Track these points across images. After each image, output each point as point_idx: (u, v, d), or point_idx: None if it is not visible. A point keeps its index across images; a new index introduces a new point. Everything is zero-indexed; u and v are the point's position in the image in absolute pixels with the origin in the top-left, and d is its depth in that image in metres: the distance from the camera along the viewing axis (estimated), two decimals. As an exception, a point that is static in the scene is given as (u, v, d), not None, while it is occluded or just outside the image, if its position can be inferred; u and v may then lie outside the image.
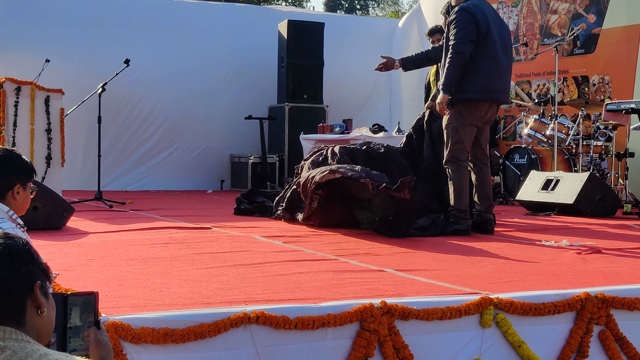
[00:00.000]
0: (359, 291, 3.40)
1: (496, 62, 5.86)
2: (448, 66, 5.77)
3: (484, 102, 5.88)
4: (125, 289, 3.40)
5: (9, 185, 2.77)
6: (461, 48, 5.72)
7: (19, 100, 7.51)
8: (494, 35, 5.85)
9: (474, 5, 5.88)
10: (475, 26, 5.76)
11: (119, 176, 11.10)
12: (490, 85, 5.85)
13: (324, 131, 10.19)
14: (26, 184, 2.82)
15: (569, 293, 3.26)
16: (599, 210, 7.34)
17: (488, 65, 5.82)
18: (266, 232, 5.80)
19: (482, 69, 5.79)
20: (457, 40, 5.74)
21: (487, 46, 5.82)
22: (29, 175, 2.84)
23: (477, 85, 5.79)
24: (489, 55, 5.83)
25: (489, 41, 5.82)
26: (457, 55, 5.72)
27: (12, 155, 2.81)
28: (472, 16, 5.77)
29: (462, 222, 5.79)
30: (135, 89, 11.10)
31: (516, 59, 10.97)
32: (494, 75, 5.85)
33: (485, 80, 5.81)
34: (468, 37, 5.74)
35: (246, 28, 12.18)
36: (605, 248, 4.97)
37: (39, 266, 1.78)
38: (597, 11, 9.80)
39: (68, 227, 5.92)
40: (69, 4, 11.24)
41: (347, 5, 46.07)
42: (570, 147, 9.02)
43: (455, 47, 5.74)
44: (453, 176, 5.87)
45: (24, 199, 2.82)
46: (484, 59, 5.80)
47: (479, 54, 5.79)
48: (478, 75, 5.78)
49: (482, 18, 5.82)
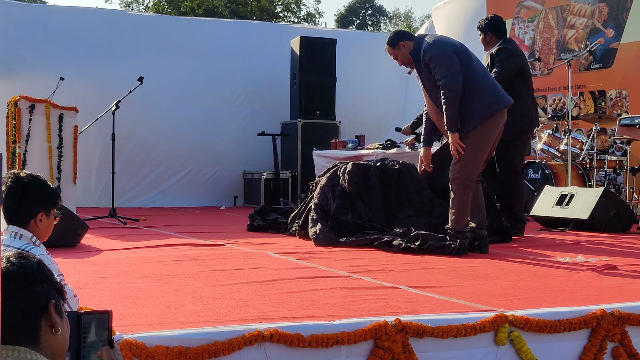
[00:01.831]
0: (373, 308, 3.38)
1: (485, 74, 5.77)
2: (445, 107, 5.55)
3: (497, 113, 5.69)
4: (139, 306, 3.40)
5: (33, 212, 2.77)
6: (451, 84, 5.51)
7: (32, 117, 7.57)
8: (471, 54, 5.76)
9: (442, 37, 5.86)
10: (455, 55, 5.60)
11: (132, 198, 11.12)
12: (494, 94, 5.70)
13: (337, 147, 10.19)
14: (50, 211, 2.82)
15: (584, 310, 3.24)
16: (614, 225, 7.29)
17: (480, 80, 5.67)
18: (280, 248, 5.80)
19: (478, 86, 5.63)
20: (444, 78, 5.52)
21: (473, 65, 5.68)
22: (53, 202, 2.84)
23: (483, 101, 5.62)
24: (477, 70, 5.69)
25: (472, 61, 5.70)
26: (449, 94, 5.51)
27: (37, 183, 2.81)
28: (449, 46, 5.64)
29: (462, 242, 5.58)
30: (147, 108, 11.13)
31: (532, 73, 10.94)
32: (490, 85, 5.72)
33: (487, 92, 5.66)
34: (453, 68, 5.54)
35: (259, 45, 12.23)
36: (620, 264, 4.93)
37: (53, 285, 1.78)
38: (615, 25, 9.78)
39: (82, 245, 5.94)
40: (83, 24, 11.32)
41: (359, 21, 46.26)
42: (585, 162, 8.98)
43: (445, 85, 5.53)
44: (458, 197, 5.65)
45: (47, 226, 2.83)
46: (475, 76, 5.64)
47: (469, 75, 5.61)
48: (479, 93, 5.62)
49: (457, 43, 5.74)
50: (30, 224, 2.79)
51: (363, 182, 6.75)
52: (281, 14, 31.40)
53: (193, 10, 28.40)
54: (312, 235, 6.28)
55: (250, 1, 29.67)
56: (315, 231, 6.28)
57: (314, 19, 32.37)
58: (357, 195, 6.64)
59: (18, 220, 2.79)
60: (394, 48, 5.80)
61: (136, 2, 30.99)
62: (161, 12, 28.42)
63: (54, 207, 2.85)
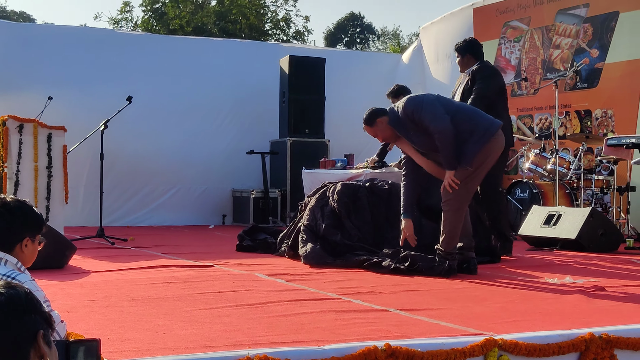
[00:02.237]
0: (363, 332, 3.38)
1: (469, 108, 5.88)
2: (441, 148, 5.55)
3: (496, 135, 5.66)
4: (128, 331, 3.39)
5: (19, 238, 2.76)
6: (441, 127, 5.49)
7: (22, 137, 7.54)
8: (445, 98, 5.85)
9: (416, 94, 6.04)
10: (438, 101, 5.65)
11: (121, 217, 11.08)
12: (488, 118, 5.71)
13: (326, 166, 10.19)
14: (35, 237, 2.81)
15: (573, 333, 3.24)
16: (601, 245, 7.32)
17: (470, 110, 5.79)
18: (269, 269, 5.79)
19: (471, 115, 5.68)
20: (432, 123, 5.52)
21: (454, 104, 5.82)
22: (38, 228, 2.83)
23: (482, 127, 5.61)
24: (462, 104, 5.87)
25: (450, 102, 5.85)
26: (441, 135, 5.49)
27: (24, 208, 2.80)
28: (427, 95, 5.77)
29: (451, 263, 5.59)
30: (136, 127, 11.11)
31: (518, 93, 11.03)
32: (477, 113, 5.75)
33: (482, 118, 5.67)
34: (439, 111, 5.55)
35: (248, 64, 12.26)
36: (608, 285, 4.95)
37: (42, 315, 1.77)
38: (600, 46, 9.86)
39: (70, 266, 5.91)
40: (71, 43, 11.31)
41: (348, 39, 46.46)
42: (572, 181, 9.03)
43: (435, 129, 5.51)
44: (450, 219, 5.63)
45: (32, 252, 2.82)
46: (464, 110, 5.75)
47: (457, 110, 5.68)
48: (474, 121, 5.63)
49: (431, 94, 5.83)
50: (15, 249, 2.78)
51: (352, 203, 6.75)
52: (270, 31, 31.49)
53: (182, 28, 28.45)
54: (302, 255, 6.28)
55: (239, 19, 29.75)
56: (306, 250, 6.28)
57: (303, 36, 32.48)
58: (346, 215, 6.65)
59: (4, 246, 2.78)
60: (372, 127, 5.82)
61: (125, 20, 31.02)
62: (150, 30, 28.46)
63: (39, 233, 2.84)
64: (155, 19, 30.09)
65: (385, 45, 45.81)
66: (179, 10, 29.08)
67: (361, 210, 6.74)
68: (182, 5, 29.32)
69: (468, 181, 5.62)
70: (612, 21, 9.71)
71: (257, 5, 30.11)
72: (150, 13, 30.25)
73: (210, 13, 29.71)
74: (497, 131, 5.69)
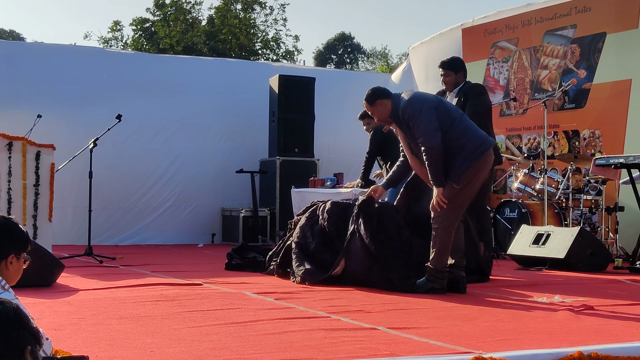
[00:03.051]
0: (352, 350, 3.37)
1: (467, 119, 5.75)
2: (428, 164, 5.53)
3: (487, 151, 5.65)
4: (116, 349, 3.37)
5: (3, 255, 2.74)
6: (431, 142, 5.47)
7: (11, 155, 7.52)
8: (445, 105, 5.76)
9: (417, 93, 5.84)
10: (434, 111, 5.57)
11: (110, 236, 11.04)
12: (481, 134, 5.68)
13: (315, 185, 10.21)
14: (20, 254, 2.79)
15: (562, 352, 3.24)
16: (590, 264, 7.35)
17: (464, 125, 5.64)
18: (258, 288, 5.77)
19: (464, 130, 5.60)
20: (423, 136, 5.50)
21: (452, 115, 5.66)
22: (24, 245, 2.80)
23: (473, 143, 5.58)
24: (458, 118, 5.65)
25: (450, 110, 5.70)
26: (430, 151, 5.48)
27: (9, 225, 2.78)
28: (427, 102, 5.62)
29: (437, 281, 5.60)
30: (126, 146, 11.11)
31: (507, 113, 11.10)
32: (474, 127, 5.70)
33: (474, 134, 5.63)
34: (432, 125, 5.50)
35: (237, 83, 12.29)
36: (597, 305, 4.96)
37: (30, 330, 1.77)
38: (587, 67, 9.94)
39: (58, 284, 5.88)
40: (61, 61, 11.32)
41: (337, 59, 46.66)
42: (560, 201, 9.06)
43: (425, 143, 5.49)
44: (441, 236, 5.60)
45: (17, 270, 2.79)
46: (459, 124, 5.61)
47: (452, 125, 5.59)
48: (466, 136, 5.58)
49: (433, 97, 5.78)
50: (0, 267, 2.76)
51: (342, 221, 6.74)
52: (260, 51, 31.59)
53: (172, 47, 28.50)
54: (301, 274, 6.26)
55: (229, 38, 29.84)
56: (302, 270, 6.27)
57: (293, 56, 32.60)
58: (336, 234, 6.63)
59: None
60: (372, 105, 5.80)
61: (115, 39, 31.07)
62: (140, 50, 28.49)
63: (24, 250, 2.81)
64: (146, 38, 30.15)
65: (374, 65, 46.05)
66: (169, 30, 29.15)
67: (351, 229, 6.72)
68: (172, 24, 29.40)
69: (457, 198, 5.60)
70: (599, 42, 9.79)
71: (247, 25, 30.23)
72: (140, 32, 30.32)
73: (201, 32, 29.80)
74: (487, 149, 5.67)
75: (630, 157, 7.52)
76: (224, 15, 29.98)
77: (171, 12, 29.76)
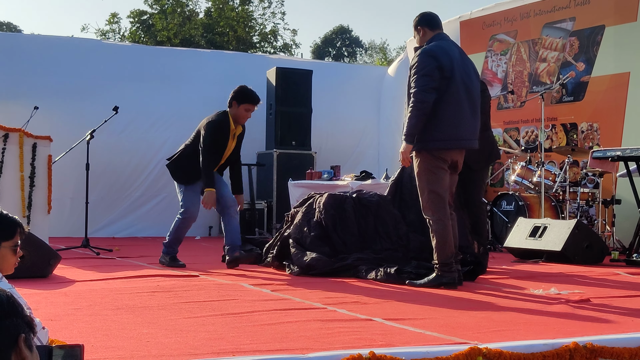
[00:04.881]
0: (348, 341, 3.37)
1: (459, 108, 5.53)
2: (410, 115, 5.45)
3: (448, 150, 5.55)
4: (112, 339, 3.36)
5: None
6: (423, 97, 5.39)
7: (6, 147, 7.50)
8: (457, 79, 5.51)
9: (439, 47, 5.53)
10: (439, 72, 5.43)
11: (106, 225, 11.05)
12: (455, 133, 5.52)
13: (312, 177, 10.21)
14: (9, 243, 2.78)
15: (557, 343, 3.24)
16: (586, 257, 7.35)
17: (451, 112, 5.50)
18: (254, 280, 5.78)
19: (445, 116, 5.48)
20: (418, 88, 5.41)
21: (451, 91, 5.47)
22: (12, 233, 2.79)
23: (440, 134, 5.48)
24: (452, 101, 5.48)
25: (452, 86, 5.48)
26: (419, 104, 5.40)
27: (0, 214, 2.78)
28: (435, 61, 5.44)
29: (447, 275, 5.50)
30: (123, 138, 11.10)
31: (504, 106, 11.09)
32: (458, 121, 5.53)
33: (449, 128, 5.50)
34: (431, 84, 5.41)
35: (235, 75, 12.23)
36: (593, 297, 4.97)
37: (24, 319, 1.76)
38: (586, 59, 9.94)
39: (54, 276, 5.88)
40: (58, 53, 11.30)
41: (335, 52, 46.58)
42: (557, 193, 9.06)
43: (416, 95, 5.40)
44: (435, 229, 5.53)
45: (8, 259, 2.78)
46: (448, 105, 5.48)
47: (443, 100, 5.47)
48: (441, 124, 5.47)
49: (446, 62, 5.48)
50: None
51: (339, 214, 6.74)
52: (258, 44, 31.53)
53: (169, 39, 28.44)
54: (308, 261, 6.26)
55: (227, 31, 29.78)
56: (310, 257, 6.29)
57: (291, 49, 32.54)
58: (332, 228, 6.64)
59: None
60: (415, 30, 5.77)
61: (112, 31, 30.99)
62: (137, 42, 28.42)
63: (13, 238, 2.80)
64: (143, 30, 30.08)
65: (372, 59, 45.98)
66: (166, 22, 29.08)
67: (348, 222, 6.73)
68: (169, 17, 29.33)
69: (429, 180, 5.51)
70: (598, 35, 9.79)
71: (245, 17, 30.16)
72: (137, 25, 30.25)
73: (198, 25, 29.74)
74: (457, 146, 5.57)
75: (628, 150, 7.52)
76: (221, 7, 29.91)
77: (169, 4, 29.69)
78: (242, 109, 6.81)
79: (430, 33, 5.68)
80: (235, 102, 6.83)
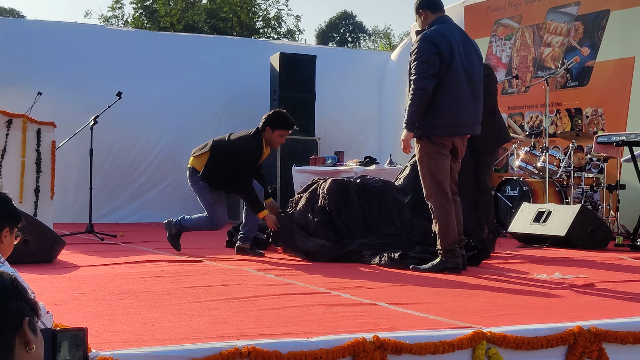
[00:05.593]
0: (351, 325, 3.38)
1: (459, 94, 5.46)
2: (410, 103, 5.42)
3: (449, 137, 5.51)
4: (116, 323, 3.37)
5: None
6: (423, 83, 5.34)
7: (9, 132, 7.50)
8: (457, 64, 5.43)
9: (438, 32, 5.45)
10: (438, 58, 5.37)
11: (111, 211, 11.06)
12: (455, 120, 5.47)
13: (316, 163, 10.20)
14: (13, 229, 2.80)
15: (561, 327, 3.25)
16: (590, 242, 7.35)
17: (451, 99, 5.44)
18: (258, 265, 5.79)
19: (444, 103, 5.43)
20: (418, 75, 5.38)
21: (451, 77, 5.41)
22: (16, 219, 2.82)
23: (439, 121, 5.43)
24: (452, 87, 5.42)
25: (452, 72, 5.41)
26: (418, 91, 5.36)
27: (3, 199, 2.79)
28: (434, 47, 5.37)
29: (451, 261, 5.47)
30: (127, 124, 11.09)
31: (509, 91, 11.05)
32: (457, 108, 5.47)
33: (449, 115, 5.44)
34: (430, 70, 5.35)
35: (238, 61, 12.24)
36: (597, 281, 4.97)
37: (27, 302, 1.76)
38: (591, 44, 9.89)
39: (59, 261, 5.89)
40: (61, 39, 11.28)
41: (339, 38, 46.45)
42: (562, 179, 9.05)
43: (416, 82, 5.36)
44: (437, 215, 5.50)
45: (9, 244, 2.80)
46: (447, 92, 5.43)
47: (442, 87, 5.42)
48: (441, 111, 5.42)
49: (445, 47, 5.40)
50: None
51: (342, 200, 6.74)
52: (261, 30, 31.43)
53: (173, 25, 28.37)
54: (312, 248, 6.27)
55: (230, 17, 29.69)
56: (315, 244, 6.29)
57: (294, 35, 32.45)
58: (336, 214, 6.63)
59: None
60: (416, 13, 5.72)
61: (115, 17, 30.90)
62: (140, 28, 28.36)
63: (16, 225, 2.82)
64: (146, 16, 29.99)
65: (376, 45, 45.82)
66: (169, 8, 29.00)
67: (352, 207, 6.73)
68: (172, 2, 29.24)
69: (430, 167, 5.49)
70: (603, 19, 9.73)
71: (248, 3, 30.05)
72: (140, 10, 30.16)
73: (202, 11, 29.63)
74: (457, 132, 5.53)
75: (632, 135, 7.50)
76: (224, -7, 29.79)
77: (172, -10, 29.59)
78: (277, 134, 6.64)
79: (431, 16, 5.63)
80: (269, 127, 6.65)
